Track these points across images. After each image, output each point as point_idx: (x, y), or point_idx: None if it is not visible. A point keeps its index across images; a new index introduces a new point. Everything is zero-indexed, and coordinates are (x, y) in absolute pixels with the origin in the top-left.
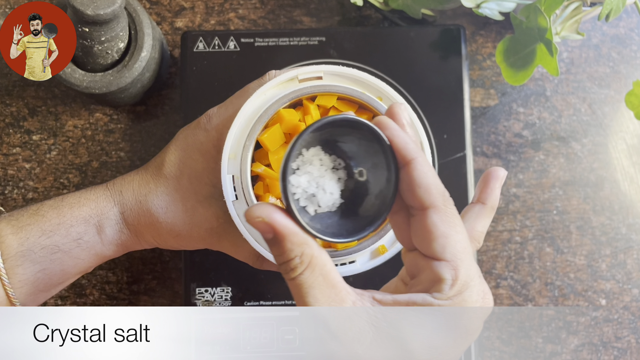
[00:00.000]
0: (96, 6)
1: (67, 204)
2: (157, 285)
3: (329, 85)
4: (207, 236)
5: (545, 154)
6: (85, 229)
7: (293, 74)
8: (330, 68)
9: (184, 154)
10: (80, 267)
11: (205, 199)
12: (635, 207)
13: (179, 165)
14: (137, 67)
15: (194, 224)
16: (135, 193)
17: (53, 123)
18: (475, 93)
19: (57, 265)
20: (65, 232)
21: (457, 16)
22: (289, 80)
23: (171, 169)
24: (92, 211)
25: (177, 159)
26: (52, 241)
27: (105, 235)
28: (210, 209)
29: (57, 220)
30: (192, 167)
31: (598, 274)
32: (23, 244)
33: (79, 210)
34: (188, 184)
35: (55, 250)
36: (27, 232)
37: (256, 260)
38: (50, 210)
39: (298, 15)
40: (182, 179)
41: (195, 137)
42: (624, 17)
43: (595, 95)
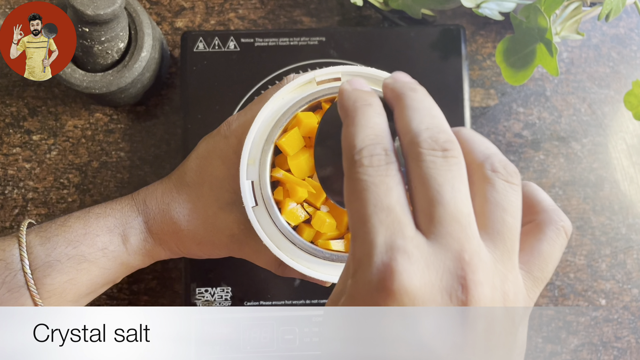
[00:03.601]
0: (96, 6)
1: (93, 215)
2: (157, 285)
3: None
4: (229, 243)
5: (545, 154)
6: (110, 239)
7: (310, 77)
8: (348, 69)
9: (205, 161)
10: (107, 277)
11: (227, 205)
12: (635, 207)
13: (200, 173)
14: (137, 67)
15: (215, 230)
16: (158, 202)
17: (53, 123)
18: (475, 93)
19: (84, 275)
20: (91, 242)
21: (457, 16)
22: (306, 83)
23: (192, 177)
24: (117, 221)
25: (197, 166)
26: (79, 251)
27: (131, 245)
28: (232, 215)
29: (83, 231)
30: (212, 174)
31: (598, 274)
32: (50, 255)
33: (104, 221)
34: (209, 191)
35: (82, 260)
36: (54, 242)
37: (278, 266)
38: (77, 221)
39: (298, 15)
40: (203, 186)
41: (216, 144)
42: (624, 17)
43: (595, 95)
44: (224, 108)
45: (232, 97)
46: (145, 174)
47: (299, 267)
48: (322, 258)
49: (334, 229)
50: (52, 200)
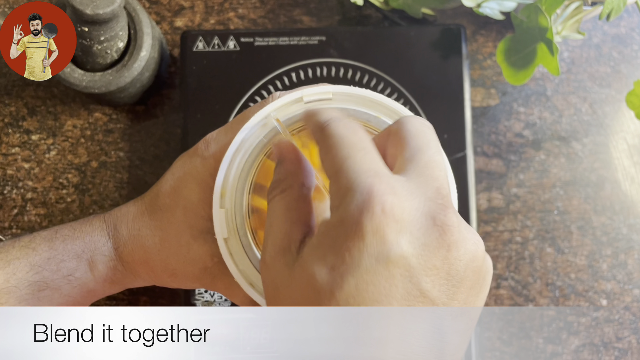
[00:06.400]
0: (95, 5)
1: (60, 237)
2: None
3: (338, 108)
4: (202, 276)
5: (546, 153)
6: (76, 265)
7: (298, 95)
8: (340, 89)
9: (180, 183)
10: (71, 304)
11: (200, 234)
12: (636, 207)
13: (174, 196)
14: (137, 67)
15: (187, 262)
16: (129, 227)
17: (52, 123)
18: (475, 93)
19: (44, 303)
20: (56, 267)
21: (457, 15)
22: (293, 102)
23: (165, 201)
24: (85, 246)
25: (171, 189)
26: (41, 277)
27: (98, 272)
28: (205, 246)
29: (48, 255)
30: (187, 199)
31: (599, 274)
32: (9, 280)
33: (72, 244)
34: (182, 217)
35: (44, 287)
36: (14, 266)
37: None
38: (43, 243)
39: (298, 14)
40: (176, 211)
41: (192, 165)
42: (625, 17)
43: (596, 95)
44: (223, 107)
45: (232, 96)
46: (144, 173)
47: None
48: None
49: None
50: (51, 200)
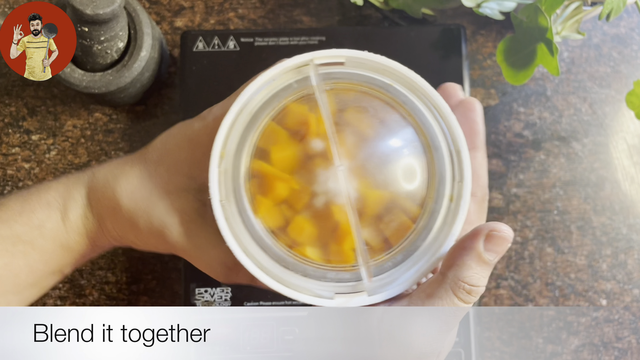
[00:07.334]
0: (95, 6)
1: (34, 189)
2: (157, 285)
3: (350, 72)
4: (169, 233)
5: (546, 153)
6: (47, 214)
7: (307, 58)
8: (353, 53)
9: (171, 140)
10: (49, 263)
11: (177, 191)
12: (636, 207)
13: (162, 151)
14: (137, 67)
15: (155, 215)
16: (107, 172)
17: (52, 123)
18: (475, 93)
19: (20, 259)
20: (27, 219)
21: (457, 16)
22: (302, 63)
23: (153, 154)
24: (57, 194)
25: (162, 144)
26: (13, 231)
27: (69, 221)
28: (178, 202)
29: (20, 208)
30: (174, 155)
31: (599, 274)
32: None
33: (45, 194)
34: (164, 172)
35: (17, 242)
36: None
37: (227, 271)
38: (14, 198)
39: (298, 14)
40: (160, 165)
41: (190, 125)
42: (625, 17)
43: (596, 95)
44: None
45: None
46: None
47: (269, 280)
48: (296, 272)
49: (314, 241)
50: None
